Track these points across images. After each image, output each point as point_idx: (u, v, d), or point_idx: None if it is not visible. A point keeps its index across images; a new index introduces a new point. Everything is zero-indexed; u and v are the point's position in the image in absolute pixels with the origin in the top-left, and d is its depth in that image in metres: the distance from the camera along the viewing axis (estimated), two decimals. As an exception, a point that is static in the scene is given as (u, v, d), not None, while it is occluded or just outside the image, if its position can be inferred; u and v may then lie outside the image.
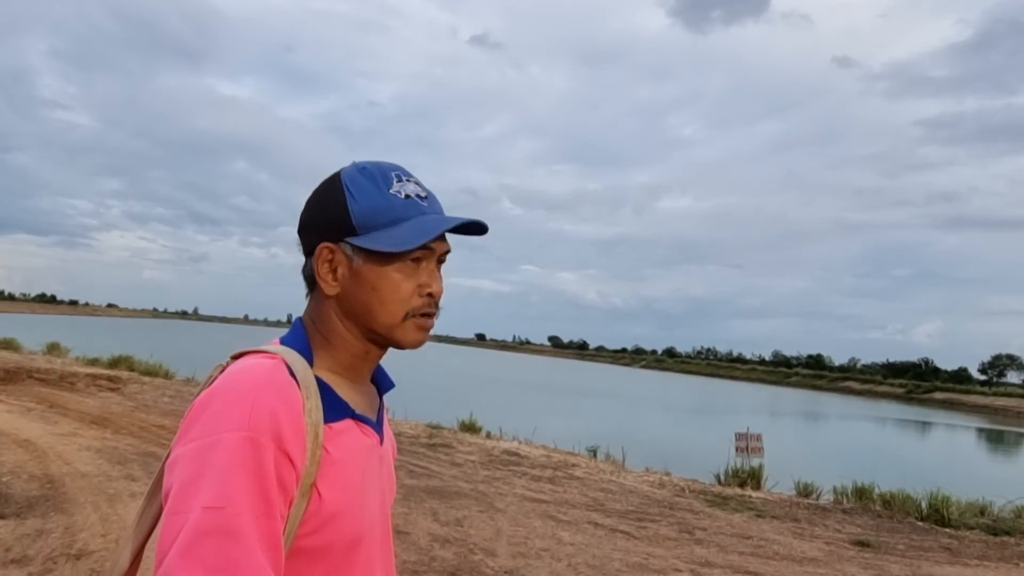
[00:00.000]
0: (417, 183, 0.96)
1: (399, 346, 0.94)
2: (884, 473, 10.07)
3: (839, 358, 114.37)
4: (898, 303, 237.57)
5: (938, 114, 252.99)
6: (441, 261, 0.97)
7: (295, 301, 1.01)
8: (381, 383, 1.04)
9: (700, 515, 6.95)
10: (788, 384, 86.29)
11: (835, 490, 8.62)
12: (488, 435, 11.41)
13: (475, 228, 0.96)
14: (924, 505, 7.74)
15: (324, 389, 0.88)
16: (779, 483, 9.25)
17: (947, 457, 24.71)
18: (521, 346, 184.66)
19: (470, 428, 11.67)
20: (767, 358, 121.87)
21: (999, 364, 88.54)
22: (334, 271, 0.92)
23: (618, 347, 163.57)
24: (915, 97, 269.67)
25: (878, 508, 7.94)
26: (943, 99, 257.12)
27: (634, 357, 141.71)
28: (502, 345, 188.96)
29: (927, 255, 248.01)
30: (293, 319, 0.99)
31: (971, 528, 7.26)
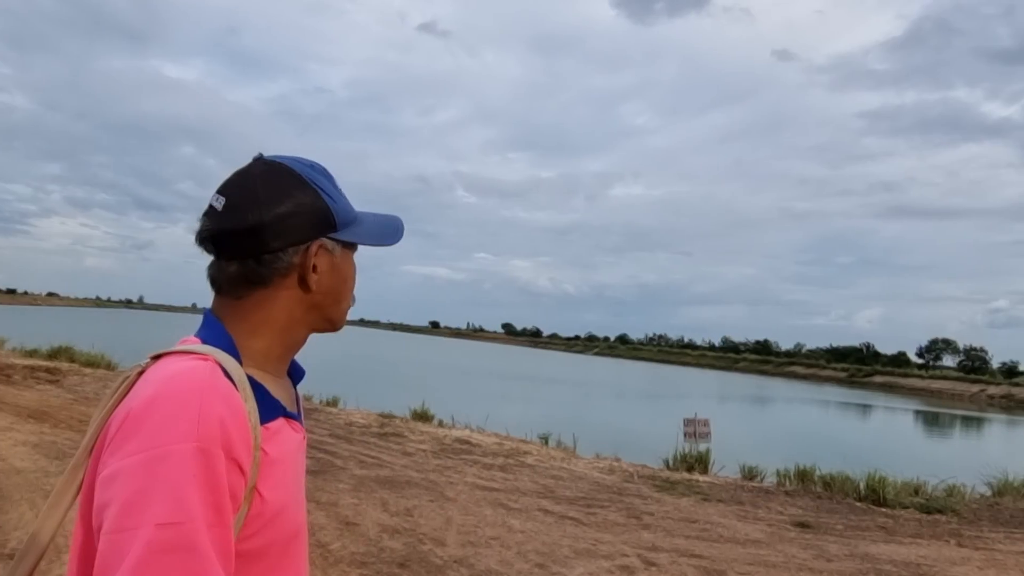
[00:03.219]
0: None
1: (336, 329, 1.00)
2: (825, 455, 10.41)
3: (785, 343, 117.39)
4: (841, 290, 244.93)
5: (879, 106, 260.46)
6: None
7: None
8: (294, 373, 1.04)
9: (648, 500, 7.08)
10: (736, 369, 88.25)
11: (778, 473, 8.87)
12: (440, 424, 11.39)
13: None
14: (862, 486, 8.01)
15: (257, 389, 0.87)
16: (725, 467, 9.47)
17: (885, 439, 25.68)
18: (475, 333, 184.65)
19: (422, 417, 11.63)
20: (716, 344, 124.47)
21: (935, 348, 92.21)
22: (315, 266, 0.94)
23: (571, 334, 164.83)
24: (857, 90, 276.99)
25: (819, 490, 8.20)
26: (884, 92, 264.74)
27: (587, 344, 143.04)
28: (456, 333, 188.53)
29: (868, 243, 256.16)
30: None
31: (906, 507, 7.56)
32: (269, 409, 0.88)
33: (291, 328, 0.94)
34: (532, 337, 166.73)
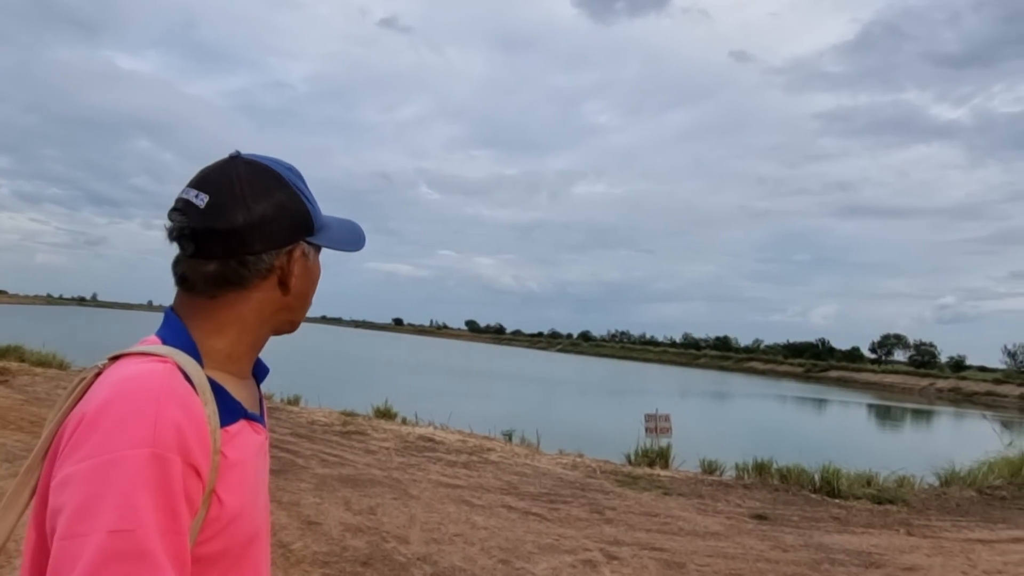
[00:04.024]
0: None
1: (295, 330, 1.02)
2: (782, 449, 10.63)
3: (744, 340, 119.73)
4: (798, 287, 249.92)
5: (834, 107, 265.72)
6: None
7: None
8: (258, 371, 1.03)
9: (610, 495, 7.16)
10: (697, 365, 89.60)
11: (737, 466, 9.04)
12: (404, 421, 11.35)
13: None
14: (817, 478, 8.22)
15: (218, 391, 0.86)
16: (686, 461, 9.62)
17: (839, 432, 26.33)
18: (438, 330, 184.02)
19: (385, 414, 11.57)
20: (678, 340, 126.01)
21: (887, 343, 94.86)
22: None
23: (534, 331, 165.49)
24: (812, 91, 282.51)
25: (776, 482, 8.39)
26: (838, 94, 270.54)
27: (550, 341, 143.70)
28: (419, 330, 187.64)
29: (824, 241, 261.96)
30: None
31: (858, 498, 7.78)
32: (229, 412, 0.87)
33: (257, 329, 0.94)
34: (496, 334, 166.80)
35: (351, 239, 1.02)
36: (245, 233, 0.88)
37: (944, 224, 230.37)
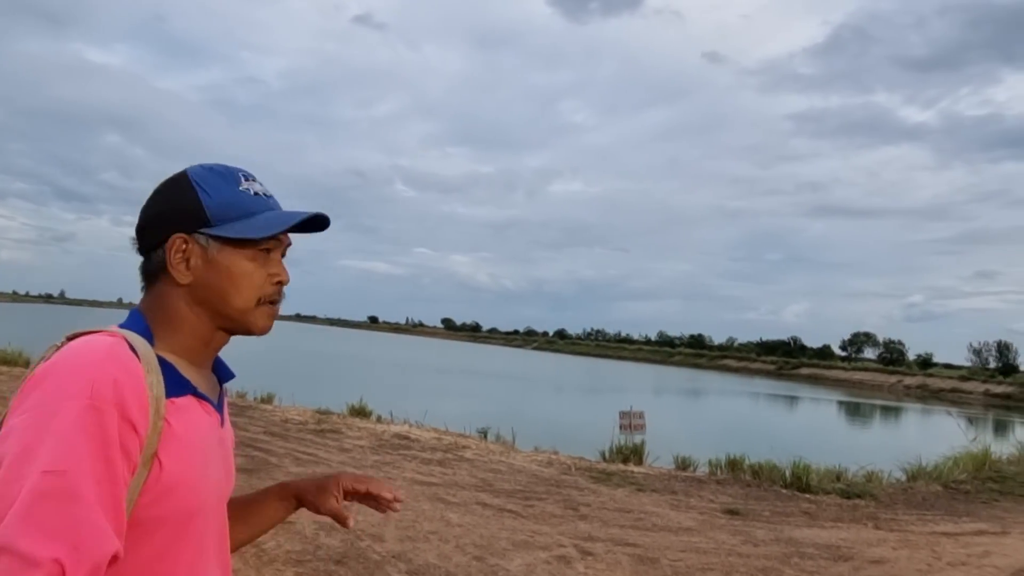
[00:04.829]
0: (261, 184, 1.03)
1: (249, 331, 1.00)
2: (754, 445, 10.77)
3: (718, 337, 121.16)
4: (770, 285, 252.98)
5: (806, 109, 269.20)
6: (283, 255, 1.04)
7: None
8: (221, 373, 1.07)
9: (585, 491, 7.20)
10: (671, 363, 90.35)
11: (710, 463, 9.14)
12: (379, 419, 11.30)
13: (318, 224, 1.06)
14: (788, 473, 8.33)
15: (165, 366, 0.91)
16: (660, 458, 9.70)
17: (810, 428, 26.73)
18: (414, 328, 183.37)
19: (360, 412, 11.50)
20: (652, 338, 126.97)
21: (857, 341, 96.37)
22: (187, 260, 0.96)
23: (510, 329, 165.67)
24: (785, 93, 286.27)
25: (748, 478, 8.50)
26: (810, 95, 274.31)
27: (526, 339, 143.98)
28: (395, 328, 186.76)
29: (796, 241, 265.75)
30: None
31: (828, 493, 7.91)
32: (176, 385, 0.91)
33: (186, 322, 0.97)
34: (471, 332, 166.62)
35: (260, 227, 0.97)
36: (143, 230, 0.98)
37: (912, 224, 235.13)
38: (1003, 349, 72.60)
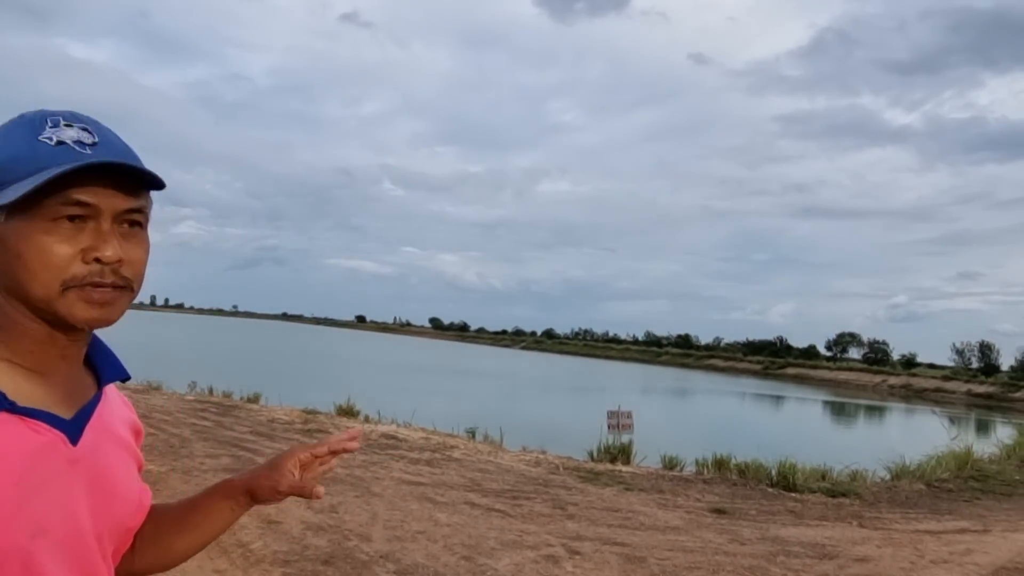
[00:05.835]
0: (87, 130, 0.78)
1: (68, 324, 0.76)
2: (741, 444, 10.83)
3: (705, 337, 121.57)
4: (757, 285, 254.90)
5: (792, 111, 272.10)
6: (132, 223, 0.79)
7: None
8: (103, 372, 0.87)
9: (573, 491, 7.22)
10: (659, 363, 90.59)
11: (697, 462, 9.19)
12: (366, 419, 11.27)
13: (150, 182, 0.81)
14: (774, 472, 8.39)
15: None
16: (647, 457, 9.74)
17: (796, 428, 26.93)
18: (402, 328, 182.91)
19: (347, 412, 11.47)
20: (640, 338, 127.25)
21: (842, 341, 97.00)
22: None
23: (498, 329, 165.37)
24: (772, 94, 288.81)
25: (734, 477, 8.55)
26: (797, 97, 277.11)
27: (514, 338, 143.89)
28: (383, 327, 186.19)
29: (782, 241, 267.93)
30: None
31: (813, 492, 7.97)
32: None
33: (14, 318, 0.77)
34: (459, 331, 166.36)
35: (29, 184, 0.72)
36: None
37: (897, 226, 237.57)
38: (985, 349, 73.39)
